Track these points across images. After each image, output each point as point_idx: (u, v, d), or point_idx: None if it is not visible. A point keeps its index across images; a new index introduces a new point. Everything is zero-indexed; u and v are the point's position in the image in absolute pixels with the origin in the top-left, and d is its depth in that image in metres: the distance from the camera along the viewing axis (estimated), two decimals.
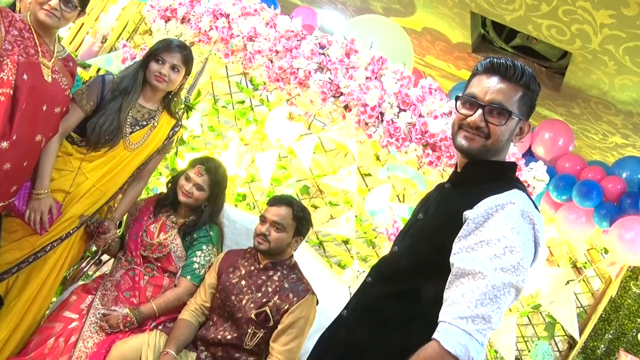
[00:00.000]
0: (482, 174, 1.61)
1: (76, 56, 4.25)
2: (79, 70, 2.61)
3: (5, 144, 2.07)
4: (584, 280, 3.83)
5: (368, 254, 3.45)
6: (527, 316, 3.81)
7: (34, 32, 2.19)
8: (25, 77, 2.10)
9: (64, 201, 2.45)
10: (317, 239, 3.54)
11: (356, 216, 3.34)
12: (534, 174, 2.35)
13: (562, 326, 3.50)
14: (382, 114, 2.43)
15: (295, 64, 2.59)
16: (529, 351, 3.71)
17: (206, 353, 2.42)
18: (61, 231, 2.45)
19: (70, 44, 4.87)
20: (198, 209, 2.70)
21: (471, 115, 1.57)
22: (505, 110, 1.54)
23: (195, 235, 2.67)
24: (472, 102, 1.58)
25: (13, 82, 2.06)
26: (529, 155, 3.70)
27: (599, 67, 3.79)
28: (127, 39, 3.88)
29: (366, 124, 2.45)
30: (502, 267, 1.37)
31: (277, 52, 2.68)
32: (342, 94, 2.51)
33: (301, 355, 2.42)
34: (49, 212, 2.36)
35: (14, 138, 2.09)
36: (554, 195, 3.48)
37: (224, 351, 2.39)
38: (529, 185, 2.36)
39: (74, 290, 2.60)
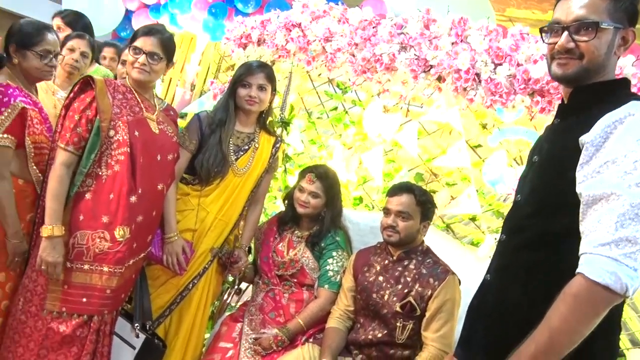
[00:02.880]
0: (590, 97, 1.49)
1: None
2: (179, 120, 2.73)
3: (134, 199, 2.24)
4: None
5: (499, 225, 3.29)
6: None
7: (134, 91, 2.36)
8: (136, 133, 2.28)
9: (193, 239, 2.56)
10: (443, 222, 3.44)
11: (477, 190, 3.20)
12: None
13: None
14: (477, 74, 2.33)
15: (378, 51, 2.54)
16: None
17: (361, 356, 2.40)
18: (198, 267, 2.58)
19: (164, 99, 5.13)
20: (319, 218, 2.71)
21: (558, 40, 1.48)
22: (592, 22, 1.42)
23: (322, 244, 2.67)
24: (556, 28, 1.49)
25: (128, 140, 2.24)
26: None
27: None
28: (213, 79, 4.03)
29: (464, 89, 2.35)
30: (637, 182, 1.25)
31: (356, 45, 2.66)
32: (431, 66, 2.44)
33: (456, 338, 2.34)
34: (183, 253, 2.50)
35: (140, 192, 2.26)
36: None
37: (378, 350, 2.36)
38: None
39: (222, 321, 2.69)
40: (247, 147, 2.64)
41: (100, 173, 2.23)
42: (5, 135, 2.20)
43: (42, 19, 2.71)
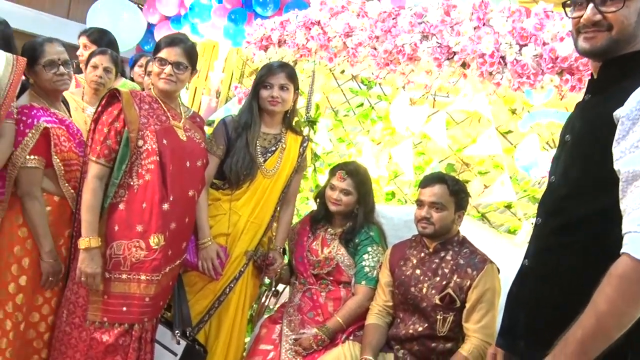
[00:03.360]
0: (622, 70, 1.41)
1: None
2: (207, 128, 2.75)
3: (166, 206, 2.27)
4: None
5: (536, 210, 3.22)
6: None
7: (160, 101, 2.38)
8: (164, 141, 2.30)
9: (227, 243, 2.58)
10: (478, 212, 3.38)
11: (510, 177, 3.14)
12: None
13: None
14: (502, 57, 2.27)
15: (399, 42, 2.51)
16: None
17: (403, 351, 2.37)
18: (233, 271, 2.60)
19: (190, 108, 5.17)
20: (351, 214, 2.68)
21: (583, 13, 1.41)
22: None
23: (357, 240, 2.65)
24: (579, 1, 1.42)
25: (157, 149, 2.27)
26: None
27: None
28: (237, 84, 4.06)
29: (490, 73, 2.30)
30: None
31: (377, 37, 2.63)
32: (455, 53, 2.39)
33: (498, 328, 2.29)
34: (218, 258, 2.51)
35: (171, 199, 2.28)
36: None
37: (420, 344, 2.33)
38: None
39: (262, 324, 2.69)
40: (274, 148, 2.64)
41: (132, 183, 2.26)
42: (31, 157, 2.25)
43: (69, 40, 2.74)
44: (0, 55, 2.21)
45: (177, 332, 2.39)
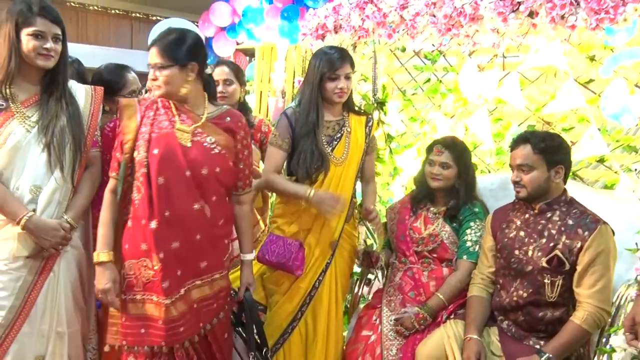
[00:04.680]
0: None
1: (269, 120, 4.51)
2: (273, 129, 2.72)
3: (154, 224, 2.04)
4: None
5: (633, 159, 3.00)
6: None
7: (172, 105, 2.15)
8: (155, 151, 2.06)
9: (308, 238, 2.55)
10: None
11: (599, 129, 2.94)
12: None
13: None
14: None
15: (458, 3, 2.40)
16: None
17: (507, 322, 2.26)
18: (320, 264, 2.57)
19: (259, 112, 5.24)
20: (453, 190, 2.60)
21: None
22: None
23: (461, 217, 2.57)
24: None
25: (144, 160, 2.06)
26: None
27: None
28: (300, 77, 4.06)
29: (562, 17, 2.14)
30: None
31: (434, 4, 2.53)
32: (520, 3, 2.25)
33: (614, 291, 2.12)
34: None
35: (167, 214, 2.05)
36: None
37: (525, 313, 2.20)
38: None
39: (359, 313, 2.67)
40: (339, 135, 2.57)
41: (133, 198, 2.10)
42: None
43: (135, 68, 2.78)
44: (79, 88, 2.28)
45: (251, 353, 2.26)
